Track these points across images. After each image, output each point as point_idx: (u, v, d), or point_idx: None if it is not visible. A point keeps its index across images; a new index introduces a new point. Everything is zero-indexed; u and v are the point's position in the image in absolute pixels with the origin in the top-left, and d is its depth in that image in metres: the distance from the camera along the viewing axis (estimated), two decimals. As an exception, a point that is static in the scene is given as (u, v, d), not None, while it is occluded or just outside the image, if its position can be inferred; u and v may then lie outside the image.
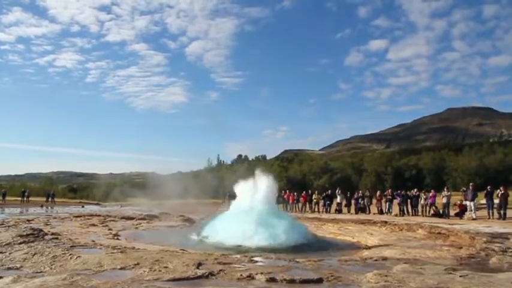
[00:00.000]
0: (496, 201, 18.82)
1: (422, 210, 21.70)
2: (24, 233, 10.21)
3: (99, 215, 20.84)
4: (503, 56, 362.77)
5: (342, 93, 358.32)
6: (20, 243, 8.89)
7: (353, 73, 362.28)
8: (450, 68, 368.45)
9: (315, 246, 11.85)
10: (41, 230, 11.14)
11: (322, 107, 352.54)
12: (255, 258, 7.55)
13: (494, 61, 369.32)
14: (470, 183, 21.65)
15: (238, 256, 7.73)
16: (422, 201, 21.97)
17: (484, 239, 10.98)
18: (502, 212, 18.02)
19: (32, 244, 8.78)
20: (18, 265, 6.73)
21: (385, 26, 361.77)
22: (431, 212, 21.15)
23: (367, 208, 24.48)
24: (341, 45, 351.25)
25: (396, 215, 21.69)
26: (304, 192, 28.37)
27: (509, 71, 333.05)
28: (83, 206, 35.72)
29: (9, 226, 12.81)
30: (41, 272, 6.29)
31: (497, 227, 14.51)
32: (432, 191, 22.54)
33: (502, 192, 18.38)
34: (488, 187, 19.17)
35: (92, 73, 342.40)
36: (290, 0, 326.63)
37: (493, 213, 18.40)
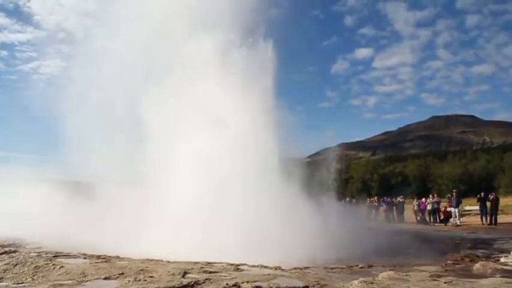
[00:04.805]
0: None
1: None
2: (6, 243, 10.01)
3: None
4: (486, 64, 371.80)
5: (329, 101, 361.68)
6: (1, 253, 8.70)
7: (340, 81, 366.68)
8: (434, 76, 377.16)
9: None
10: (23, 239, 10.93)
11: (309, 114, 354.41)
12: (241, 267, 7.50)
13: (477, 70, 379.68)
14: (454, 190, 21.97)
15: (224, 265, 7.66)
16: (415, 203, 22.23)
17: (469, 245, 11.13)
18: (493, 217, 18.27)
19: (14, 254, 8.59)
20: (-2, 276, 6.58)
21: (371, 35, 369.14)
22: (418, 218, 21.38)
23: (354, 215, 24.58)
24: (328, 53, 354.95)
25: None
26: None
27: (492, 79, 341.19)
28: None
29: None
30: (22, 283, 6.14)
31: (482, 233, 14.71)
32: (423, 198, 22.77)
33: (493, 197, 18.65)
34: (482, 193, 19.36)
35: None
36: (277, 8, 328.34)
37: (486, 219, 18.61)
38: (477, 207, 20.27)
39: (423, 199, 22.41)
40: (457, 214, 19.25)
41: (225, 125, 12.53)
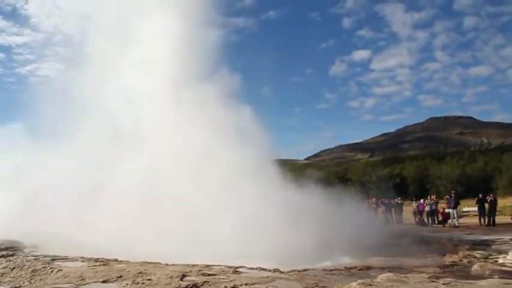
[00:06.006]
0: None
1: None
2: (3, 247, 9.96)
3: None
4: (483, 66, 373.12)
5: (327, 103, 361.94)
6: (-2, 257, 8.66)
7: (338, 83, 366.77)
8: (432, 78, 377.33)
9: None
10: (20, 243, 10.88)
11: (307, 116, 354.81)
12: (240, 269, 7.48)
13: (475, 71, 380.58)
14: (452, 191, 21.99)
15: (222, 267, 7.64)
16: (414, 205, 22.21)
17: (467, 246, 11.13)
18: (491, 218, 18.28)
19: (11, 258, 8.56)
20: (-5, 280, 6.54)
21: (369, 37, 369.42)
22: (417, 219, 21.38)
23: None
24: (326, 55, 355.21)
25: (380, 224, 21.79)
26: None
27: (489, 81, 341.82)
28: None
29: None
30: (20, 287, 6.12)
31: (480, 234, 14.71)
32: (422, 199, 22.75)
33: (491, 199, 18.65)
34: (480, 195, 19.37)
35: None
36: (275, 10, 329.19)
37: (484, 220, 18.62)
38: (475, 208, 20.27)
39: (421, 200, 22.42)
40: (455, 215, 19.25)
41: (218, 123, 12.70)
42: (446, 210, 20.24)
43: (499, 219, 18.95)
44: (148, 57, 14.06)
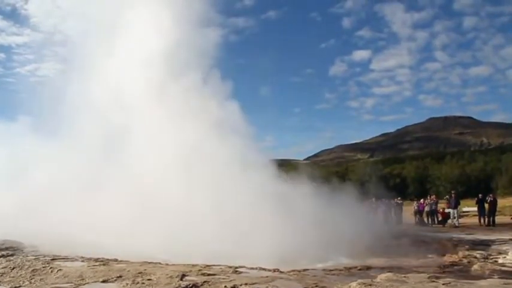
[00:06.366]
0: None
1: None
2: (3, 247, 9.95)
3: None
4: (483, 66, 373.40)
5: (327, 103, 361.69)
6: (-2, 257, 8.65)
7: (337, 83, 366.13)
8: (432, 78, 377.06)
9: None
10: (20, 243, 10.87)
11: (307, 116, 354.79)
12: (240, 269, 7.48)
13: (475, 71, 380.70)
14: (452, 191, 22.02)
15: (222, 267, 7.64)
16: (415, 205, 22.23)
17: (467, 247, 11.14)
18: (491, 218, 18.30)
19: (11, 258, 8.55)
20: (-5, 280, 6.54)
21: (369, 37, 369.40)
22: (416, 219, 21.41)
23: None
24: (326, 55, 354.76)
25: (380, 224, 21.79)
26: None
27: (489, 81, 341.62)
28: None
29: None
30: (20, 286, 6.11)
31: (479, 234, 14.72)
32: (422, 199, 22.78)
33: (491, 199, 18.68)
34: (480, 195, 19.43)
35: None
36: (275, 10, 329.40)
37: (484, 220, 18.66)
38: (475, 209, 20.31)
39: (421, 200, 22.44)
40: (455, 215, 19.26)
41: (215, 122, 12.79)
42: (446, 210, 20.26)
43: (498, 219, 18.98)
44: (141, 57, 14.06)
